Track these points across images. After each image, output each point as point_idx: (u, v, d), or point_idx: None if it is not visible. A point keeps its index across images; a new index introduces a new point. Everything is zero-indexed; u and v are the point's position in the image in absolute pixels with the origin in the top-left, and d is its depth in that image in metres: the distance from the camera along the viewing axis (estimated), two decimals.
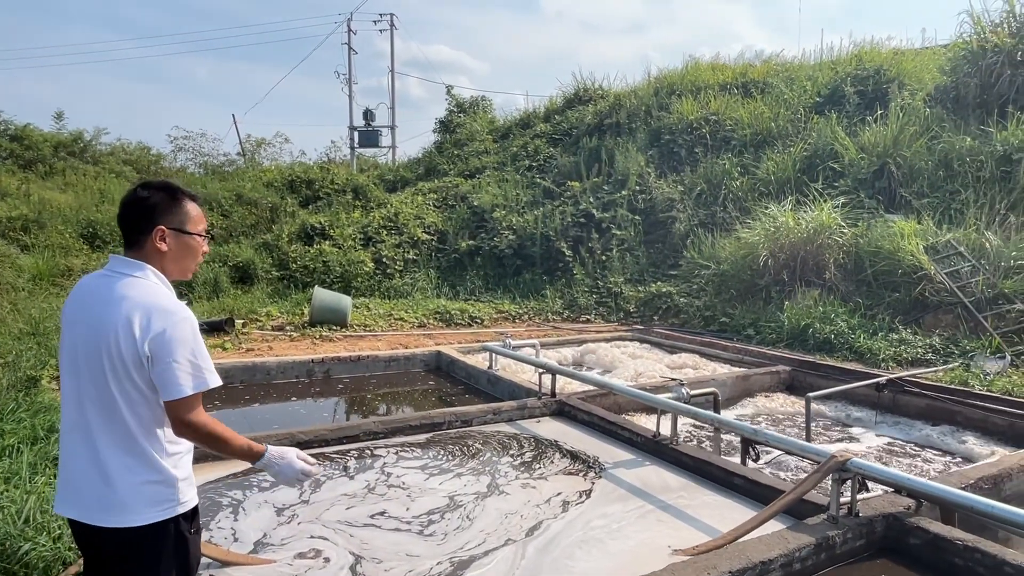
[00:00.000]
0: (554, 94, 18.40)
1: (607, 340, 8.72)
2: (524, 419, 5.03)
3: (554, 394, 5.30)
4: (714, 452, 4.34)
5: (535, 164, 14.69)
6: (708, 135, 12.76)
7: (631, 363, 7.45)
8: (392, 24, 24.80)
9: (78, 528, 1.73)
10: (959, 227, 8.15)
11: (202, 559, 2.55)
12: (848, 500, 3.04)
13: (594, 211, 12.21)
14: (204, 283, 10.23)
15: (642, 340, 8.91)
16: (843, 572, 2.88)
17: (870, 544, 3.01)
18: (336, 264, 11.37)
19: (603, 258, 11.52)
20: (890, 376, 5.90)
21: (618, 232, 11.77)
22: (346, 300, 9.04)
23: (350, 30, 24.36)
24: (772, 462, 4.64)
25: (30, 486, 3.09)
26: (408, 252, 12.25)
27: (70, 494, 1.71)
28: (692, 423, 5.24)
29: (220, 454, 1.84)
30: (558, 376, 5.39)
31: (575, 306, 10.75)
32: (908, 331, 7.16)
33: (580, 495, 3.61)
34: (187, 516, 1.77)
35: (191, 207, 1.83)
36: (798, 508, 3.16)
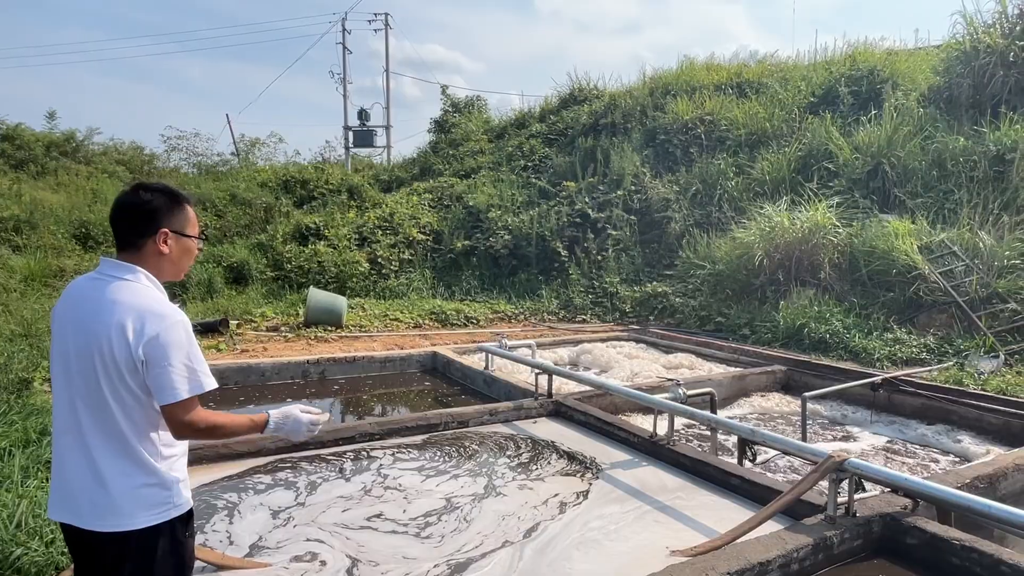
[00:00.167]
0: (549, 94, 18.47)
1: (603, 340, 8.72)
2: (520, 420, 5.02)
3: (550, 395, 5.29)
4: (711, 452, 4.34)
5: (530, 164, 14.67)
6: (703, 135, 12.78)
7: (627, 363, 7.45)
8: (387, 24, 24.77)
9: (71, 532, 1.72)
10: (953, 227, 8.19)
11: (197, 563, 2.53)
12: (845, 500, 3.05)
13: (590, 211, 12.21)
14: (198, 284, 10.18)
15: (638, 340, 8.92)
16: (841, 572, 2.88)
17: (867, 544, 3.02)
18: (331, 264, 11.33)
19: (599, 258, 11.53)
20: (885, 375, 5.92)
21: (614, 232, 11.78)
22: (341, 301, 9.00)
23: (344, 29, 24.30)
24: (768, 462, 4.64)
25: (22, 490, 3.06)
26: (403, 252, 12.22)
27: (63, 498, 1.70)
28: (688, 423, 5.24)
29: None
30: (554, 376, 5.38)
31: (571, 306, 10.75)
32: (903, 330, 7.19)
33: (577, 496, 3.60)
34: (182, 519, 1.77)
35: (190, 210, 1.86)
36: (795, 508, 3.16)
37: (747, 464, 4.20)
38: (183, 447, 1.81)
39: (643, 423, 4.95)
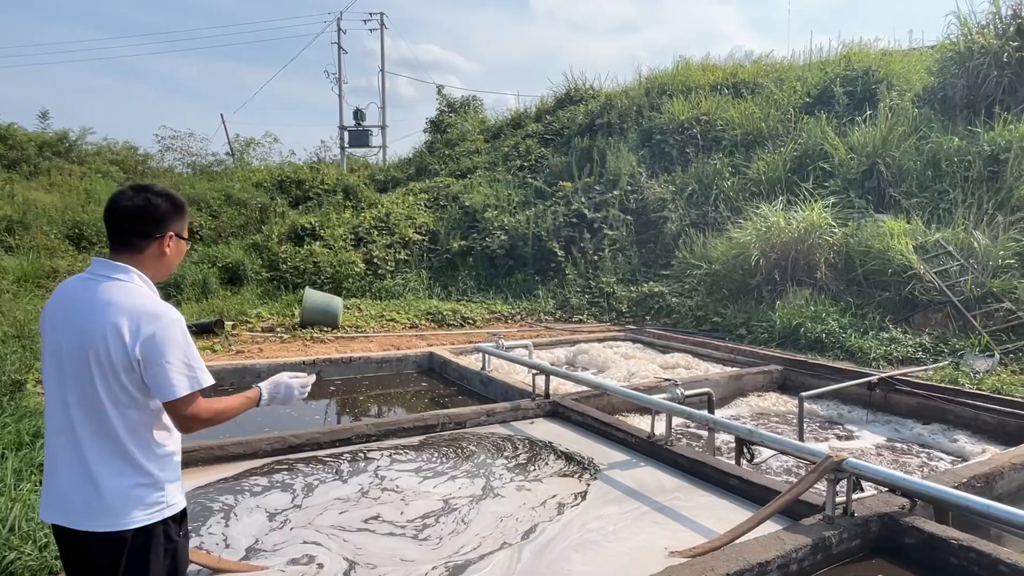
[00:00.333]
0: (545, 94, 18.41)
1: (600, 340, 8.72)
2: (518, 420, 5.01)
3: (548, 395, 5.28)
4: (708, 452, 4.34)
5: (526, 164, 14.67)
6: (699, 135, 12.80)
7: (624, 363, 7.45)
8: (382, 23, 24.67)
9: (63, 534, 1.71)
10: (948, 226, 8.22)
11: (193, 567, 2.51)
12: (843, 500, 3.04)
13: (586, 211, 12.21)
14: (193, 284, 10.13)
15: (635, 340, 8.92)
16: (839, 572, 2.88)
17: (865, 544, 3.02)
18: (327, 265, 11.29)
19: (595, 258, 11.53)
20: (881, 375, 5.93)
21: (610, 232, 11.78)
22: (337, 301, 8.97)
23: (340, 29, 24.23)
24: (764, 462, 4.64)
25: (15, 493, 3.02)
26: (399, 252, 12.19)
27: (56, 499, 1.70)
28: (684, 422, 5.23)
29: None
30: (551, 377, 5.37)
31: (567, 306, 10.74)
32: (898, 330, 7.21)
33: (575, 497, 3.59)
34: (176, 519, 1.77)
35: (186, 214, 1.91)
36: (794, 508, 3.16)
37: (744, 464, 4.20)
38: (176, 447, 1.81)
39: (640, 423, 4.95)
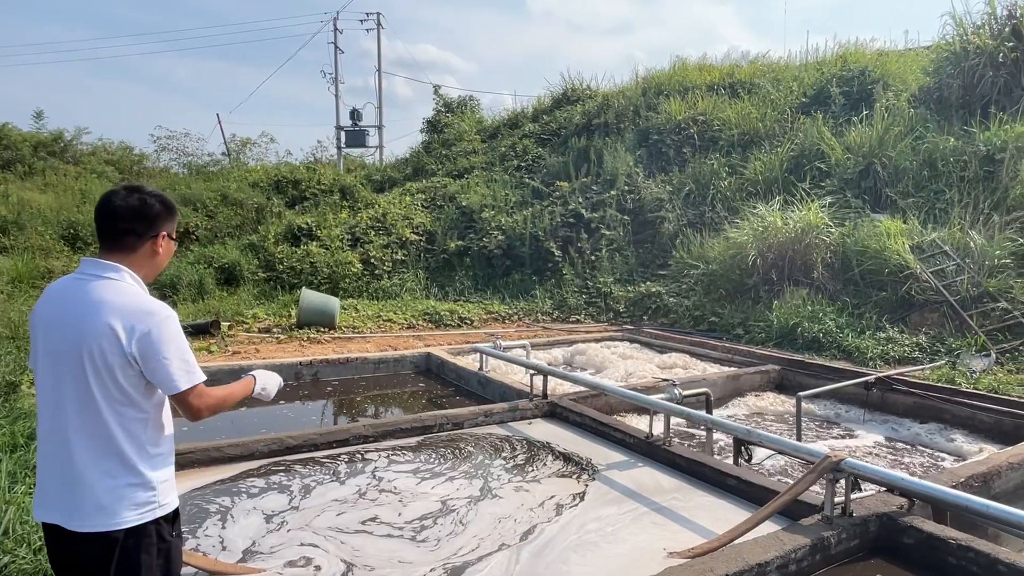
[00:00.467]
0: (542, 94, 18.41)
1: (597, 340, 8.71)
2: (516, 421, 4.99)
3: (545, 395, 5.27)
4: (707, 453, 4.33)
5: (523, 164, 14.66)
6: (696, 135, 12.81)
7: (621, 363, 7.45)
8: (378, 23, 24.64)
9: (54, 533, 1.70)
10: (944, 226, 8.24)
11: (189, 569, 2.49)
12: (842, 500, 3.04)
13: (583, 211, 12.21)
14: (189, 285, 10.09)
15: (632, 340, 8.91)
16: (838, 572, 2.88)
17: (864, 544, 3.01)
18: (323, 265, 11.26)
19: (592, 258, 11.52)
20: (878, 375, 5.94)
21: (607, 232, 11.78)
22: (334, 301, 8.95)
23: (336, 29, 24.17)
24: (761, 462, 4.64)
25: (9, 496, 3.00)
26: (396, 253, 12.17)
27: (49, 499, 1.70)
28: (682, 422, 5.23)
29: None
30: (549, 377, 5.36)
31: (565, 306, 10.74)
32: (895, 329, 7.23)
33: (574, 498, 3.58)
34: (168, 518, 1.77)
35: (177, 215, 1.94)
36: (792, 509, 3.15)
37: (742, 464, 4.19)
38: (169, 447, 1.82)
39: (638, 423, 4.94)
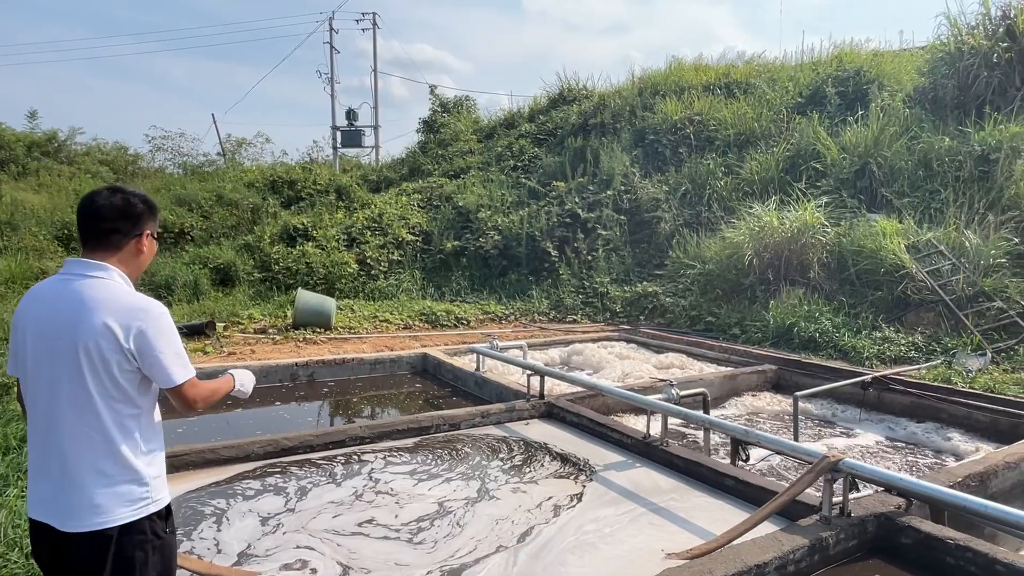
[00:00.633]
0: (538, 94, 18.40)
1: (594, 340, 8.70)
2: (513, 422, 4.98)
3: (542, 396, 5.26)
4: (704, 453, 4.33)
5: (520, 164, 14.64)
6: (692, 135, 12.82)
7: (618, 363, 7.44)
8: (374, 23, 24.58)
9: (45, 533, 1.68)
10: (939, 226, 8.26)
11: (185, 572, 2.47)
12: (840, 500, 3.04)
13: (579, 211, 12.20)
14: (184, 285, 10.04)
15: (629, 340, 8.91)
16: (836, 573, 2.87)
17: (862, 544, 3.01)
18: (319, 265, 11.22)
19: (589, 258, 11.52)
20: (875, 374, 5.95)
21: (604, 232, 11.77)
22: (330, 302, 8.91)
23: (332, 29, 24.10)
24: (758, 462, 4.64)
25: (1, 499, 2.97)
26: (392, 253, 12.13)
27: (42, 498, 1.69)
28: (679, 421, 5.22)
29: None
30: (546, 377, 5.34)
31: (561, 306, 10.73)
32: (891, 329, 7.24)
33: (571, 499, 3.56)
34: (161, 515, 1.78)
35: (158, 215, 1.96)
36: (790, 509, 3.15)
37: (740, 464, 4.19)
38: (160, 443, 1.83)
39: (635, 423, 4.94)
